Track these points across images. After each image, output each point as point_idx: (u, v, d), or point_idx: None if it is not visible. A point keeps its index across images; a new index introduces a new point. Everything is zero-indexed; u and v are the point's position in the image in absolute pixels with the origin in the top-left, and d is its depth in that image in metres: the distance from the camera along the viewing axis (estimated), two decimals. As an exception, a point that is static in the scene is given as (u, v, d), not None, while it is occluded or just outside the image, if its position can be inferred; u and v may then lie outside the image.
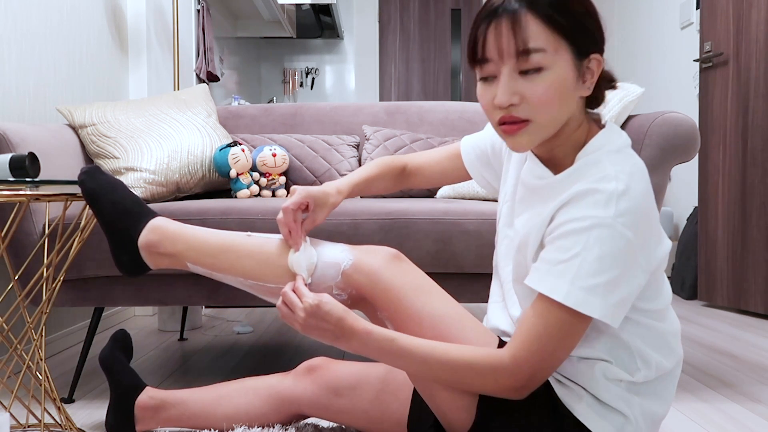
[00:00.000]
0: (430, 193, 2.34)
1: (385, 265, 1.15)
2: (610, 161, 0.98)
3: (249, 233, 1.26)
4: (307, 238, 1.20)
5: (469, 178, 1.34)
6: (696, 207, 3.56)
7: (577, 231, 0.93)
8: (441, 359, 1.01)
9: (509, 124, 0.99)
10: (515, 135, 0.99)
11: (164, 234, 1.25)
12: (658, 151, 1.73)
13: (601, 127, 1.05)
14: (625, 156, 1.00)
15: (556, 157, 1.04)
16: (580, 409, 1.01)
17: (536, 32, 0.95)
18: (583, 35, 0.98)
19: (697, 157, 3.32)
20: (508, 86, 0.97)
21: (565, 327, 0.94)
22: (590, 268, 0.91)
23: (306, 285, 1.13)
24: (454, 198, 2.17)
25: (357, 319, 1.06)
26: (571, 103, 0.99)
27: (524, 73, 0.96)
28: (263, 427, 1.37)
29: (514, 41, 0.95)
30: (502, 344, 1.08)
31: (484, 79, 1.00)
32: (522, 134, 0.99)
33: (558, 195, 0.99)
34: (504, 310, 1.16)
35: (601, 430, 1.00)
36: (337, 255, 1.18)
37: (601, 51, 1.00)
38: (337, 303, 1.07)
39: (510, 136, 1.00)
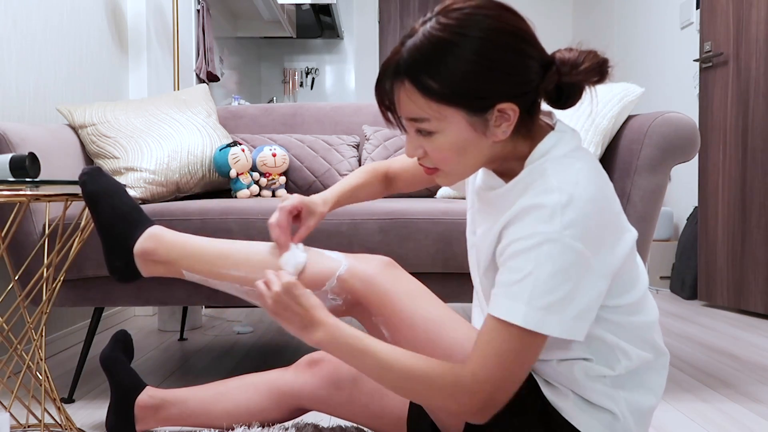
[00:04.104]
0: (430, 193, 2.34)
1: (379, 271, 1.16)
2: (553, 171, 0.95)
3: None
4: (300, 244, 1.22)
5: None
6: (696, 207, 3.56)
7: (526, 250, 0.91)
8: (402, 367, 0.97)
9: (425, 167, 1.03)
10: (433, 177, 1.04)
11: (161, 242, 1.26)
12: (658, 151, 1.73)
13: (551, 128, 1.02)
14: (571, 161, 0.97)
15: (506, 168, 1.03)
16: (568, 409, 1.01)
17: (412, 103, 0.95)
18: (473, 97, 0.93)
19: (697, 157, 3.32)
20: (411, 142, 1.01)
21: (524, 346, 0.92)
22: (544, 287, 0.89)
23: None
24: (454, 198, 2.17)
25: (328, 313, 1.06)
26: (479, 152, 0.98)
27: (419, 132, 0.98)
28: (263, 426, 1.37)
29: (397, 110, 0.98)
30: None
31: None
32: (438, 177, 1.03)
33: (508, 206, 0.98)
34: (480, 315, 1.17)
35: (590, 429, 1.01)
36: (331, 260, 1.19)
37: (512, 97, 0.94)
38: (313, 295, 1.08)
39: (431, 176, 1.04)
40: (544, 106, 1.03)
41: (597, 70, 0.96)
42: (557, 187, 0.92)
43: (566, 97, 1.00)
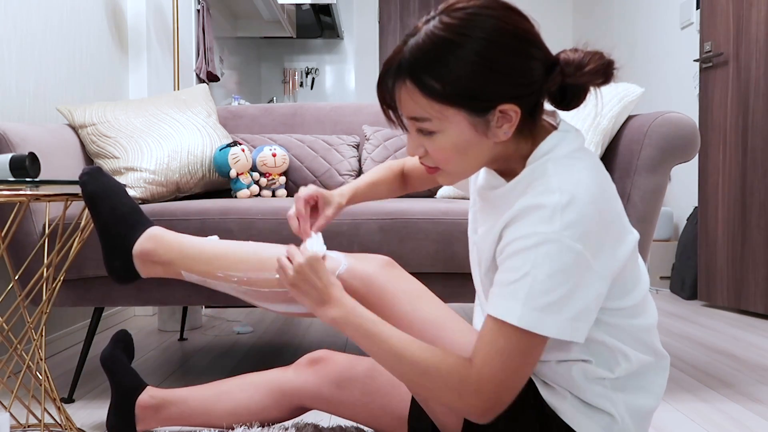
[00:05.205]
0: (430, 193, 2.34)
1: (378, 270, 1.16)
2: (554, 171, 0.94)
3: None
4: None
5: None
6: (696, 207, 3.56)
7: (525, 249, 0.90)
8: (413, 359, 0.97)
9: (426, 166, 1.03)
10: (434, 176, 1.03)
11: (160, 243, 1.26)
12: (658, 151, 1.73)
13: (554, 128, 1.01)
14: (572, 161, 0.96)
15: (508, 168, 1.03)
16: (566, 410, 1.01)
17: (414, 103, 0.94)
18: (474, 97, 0.92)
19: (697, 157, 3.32)
20: (412, 141, 1.00)
21: (524, 346, 0.91)
22: (541, 287, 0.89)
23: None
24: (454, 198, 2.17)
25: (346, 294, 1.06)
26: (480, 153, 0.97)
27: (421, 131, 0.97)
28: (263, 426, 1.37)
29: (398, 109, 0.98)
30: None
31: None
32: (439, 176, 1.03)
33: (509, 205, 0.98)
34: (481, 315, 1.17)
35: (588, 431, 1.00)
36: (331, 259, 1.19)
37: (514, 98, 0.92)
38: (335, 276, 1.09)
39: (432, 175, 1.04)
40: (548, 106, 1.02)
41: (602, 71, 0.95)
42: (558, 188, 0.91)
43: (570, 98, 0.99)
